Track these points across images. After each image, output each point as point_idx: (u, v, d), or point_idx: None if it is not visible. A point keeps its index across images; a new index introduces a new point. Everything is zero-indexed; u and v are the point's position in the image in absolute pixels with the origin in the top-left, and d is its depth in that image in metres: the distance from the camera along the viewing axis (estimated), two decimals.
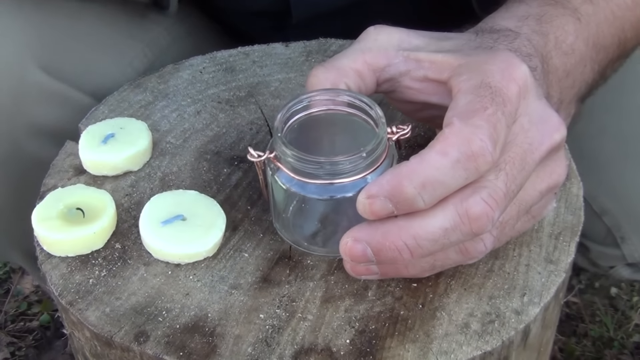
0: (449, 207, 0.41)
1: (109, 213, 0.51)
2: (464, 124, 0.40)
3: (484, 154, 0.40)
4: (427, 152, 0.40)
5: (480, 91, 0.42)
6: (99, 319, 0.46)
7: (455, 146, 0.40)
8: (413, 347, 0.45)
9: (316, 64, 0.66)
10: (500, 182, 0.41)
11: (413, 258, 0.41)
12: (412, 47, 0.48)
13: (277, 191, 0.46)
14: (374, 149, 0.43)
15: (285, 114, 0.45)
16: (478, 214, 0.40)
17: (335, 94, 0.46)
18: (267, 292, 0.48)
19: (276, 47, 0.68)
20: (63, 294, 0.48)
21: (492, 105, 0.41)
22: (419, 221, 0.41)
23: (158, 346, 0.45)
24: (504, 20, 0.51)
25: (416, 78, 0.48)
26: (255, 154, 0.44)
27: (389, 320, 0.46)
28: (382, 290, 0.48)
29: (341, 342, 0.45)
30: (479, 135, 0.40)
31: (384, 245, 0.41)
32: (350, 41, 0.68)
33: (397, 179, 0.40)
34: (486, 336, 0.45)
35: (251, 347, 0.45)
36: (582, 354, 1.17)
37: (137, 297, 0.47)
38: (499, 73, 0.43)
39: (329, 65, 0.48)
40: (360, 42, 0.49)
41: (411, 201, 0.40)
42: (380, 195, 0.40)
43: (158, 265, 0.49)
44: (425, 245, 0.41)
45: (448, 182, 0.40)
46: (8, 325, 1.26)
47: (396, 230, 0.41)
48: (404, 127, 0.45)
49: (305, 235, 0.47)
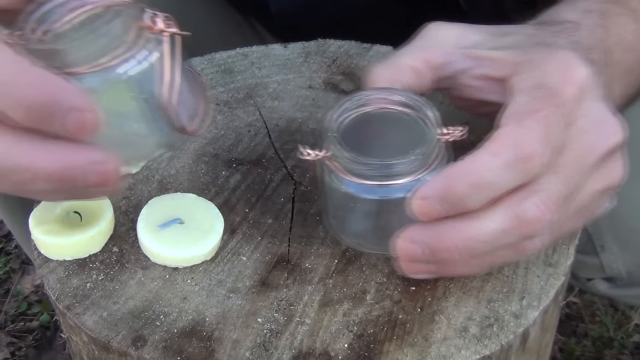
0: (504, 210, 0.41)
1: (106, 216, 0.50)
2: (517, 125, 0.40)
3: (535, 157, 0.40)
4: (479, 153, 0.40)
5: (536, 92, 0.42)
6: (97, 323, 0.46)
7: (507, 147, 0.40)
8: (411, 351, 0.45)
9: (315, 64, 0.66)
10: (555, 186, 0.41)
11: (468, 259, 0.41)
12: (471, 43, 0.48)
13: (330, 190, 0.45)
14: (428, 150, 0.43)
15: (338, 112, 0.45)
16: (532, 218, 0.40)
17: (389, 92, 0.46)
18: (265, 296, 0.48)
19: (275, 48, 0.68)
20: (60, 298, 0.47)
21: (548, 107, 0.41)
22: (474, 223, 0.41)
23: (155, 351, 0.44)
24: (566, 13, 0.51)
25: (475, 76, 0.47)
26: (307, 152, 0.44)
27: (388, 324, 0.46)
28: (380, 294, 0.48)
29: (339, 347, 0.45)
30: (531, 137, 0.40)
31: (439, 245, 0.41)
32: (350, 42, 0.69)
33: (448, 180, 0.40)
34: (485, 340, 0.45)
35: (249, 351, 0.45)
36: (582, 354, 1.17)
37: (135, 301, 0.47)
38: (557, 74, 0.43)
39: (387, 63, 0.48)
40: (420, 40, 0.49)
41: (462, 202, 0.40)
42: (431, 196, 0.40)
43: (156, 269, 0.49)
44: (479, 246, 0.41)
45: (499, 183, 0.40)
46: (8, 325, 1.26)
47: (451, 232, 0.41)
48: (458, 128, 0.44)
49: (357, 234, 0.47)
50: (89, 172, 0.38)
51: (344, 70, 0.66)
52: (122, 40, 0.38)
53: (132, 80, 0.39)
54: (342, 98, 0.46)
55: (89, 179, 0.38)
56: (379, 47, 0.68)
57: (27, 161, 0.37)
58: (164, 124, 0.41)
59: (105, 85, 0.38)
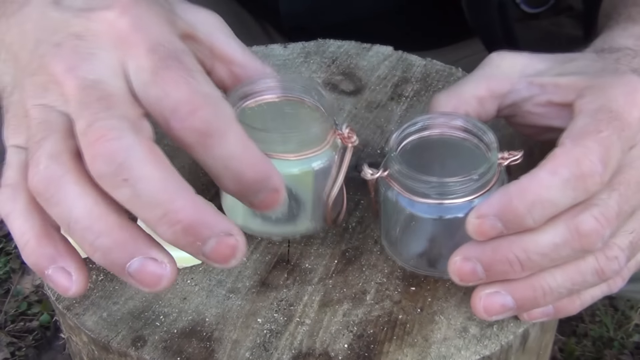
0: (559, 223, 0.41)
1: None
2: (575, 144, 0.41)
3: (593, 175, 0.40)
4: (537, 171, 0.41)
5: (598, 114, 0.42)
6: (96, 323, 0.46)
7: (565, 166, 0.40)
8: (411, 351, 0.45)
9: (315, 64, 0.66)
10: (612, 201, 0.41)
11: (523, 271, 0.42)
12: (535, 72, 0.49)
13: (388, 208, 0.46)
14: (485, 172, 0.43)
15: (400, 134, 0.46)
16: (588, 231, 0.41)
17: (449, 117, 0.47)
18: (265, 296, 0.48)
19: (275, 48, 0.68)
20: (60, 298, 0.47)
21: (608, 128, 0.42)
22: (530, 235, 0.41)
23: (155, 351, 0.44)
24: (621, 39, 0.52)
25: (539, 103, 0.48)
26: (369, 172, 0.45)
27: (388, 325, 0.46)
28: (380, 294, 0.48)
29: (339, 347, 0.45)
30: (589, 156, 0.40)
31: (495, 259, 0.42)
32: (350, 42, 0.69)
33: (507, 198, 0.40)
34: (485, 340, 0.45)
35: (249, 351, 0.44)
36: (582, 354, 1.17)
37: (135, 302, 0.47)
38: (622, 97, 0.43)
39: (452, 92, 0.49)
40: (484, 68, 0.50)
41: (521, 219, 0.40)
42: (490, 214, 0.40)
43: None
44: (535, 259, 0.41)
45: (557, 201, 0.40)
46: (8, 325, 1.26)
47: (507, 244, 0.41)
48: (515, 153, 0.45)
49: (413, 254, 0.48)
50: (217, 236, 0.37)
51: (344, 70, 0.66)
52: (320, 140, 0.46)
53: (317, 173, 0.46)
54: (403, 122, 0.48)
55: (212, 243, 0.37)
56: (378, 47, 0.68)
57: (167, 197, 0.36)
58: (319, 214, 0.48)
59: (299, 173, 0.46)
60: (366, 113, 0.61)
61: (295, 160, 0.46)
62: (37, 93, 0.40)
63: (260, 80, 0.48)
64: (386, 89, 0.64)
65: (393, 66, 0.66)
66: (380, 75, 0.65)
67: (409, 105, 0.62)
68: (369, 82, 0.64)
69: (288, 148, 0.45)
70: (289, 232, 0.49)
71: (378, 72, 0.65)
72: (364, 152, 0.58)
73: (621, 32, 0.53)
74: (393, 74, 0.65)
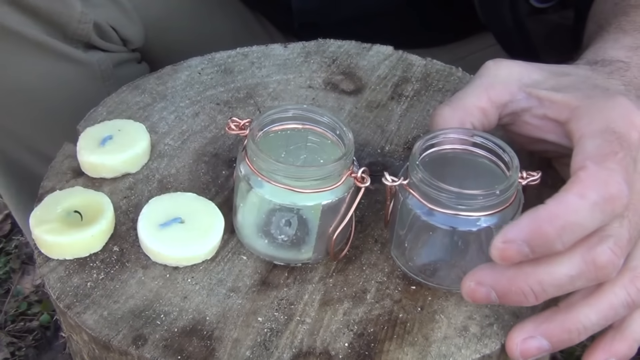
0: (575, 255, 0.41)
1: (107, 216, 0.50)
2: (600, 167, 0.41)
3: (622, 197, 0.41)
4: (565, 195, 0.41)
5: (607, 136, 0.43)
6: (97, 322, 0.46)
7: (594, 189, 0.40)
8: (412, 350, 0.45)
9: (315, 64, 0.66)
10: (624, 230, 0.42)
11: (537, 302, 0.42)
12: (532, 81, 0.49)
13: (403, 217, 0.47)
14: (506, 189, 0.44)
15: (423, 144, 0.46)
16: (605, 263, 0.41)
17: (469, 134, 0.47)
18: (266, 295, 0.48)
19: (275, 48, 0.68)
20: (61, 297, 0.47)
21: (622, 149, 0.42)
22: (545, 267, 0.41)
23: (156, 350, 0.44)
24: (613, 51, 0.52)
25: (536, 115, 0.49)
26: (390, 179, 0.46)
27: (388, 324, 0.46)
28: (380, 293, 0.48)
29: (340, 346, 0.45)
30: (616, 178, 0.41)
31: (510, 289, 0.42)
32: (350, 41, 0.69)
33: (537, 223, 0.40)
34: (485, 339, 0.45)
35: (249, 350, 0.45)
36: (582, 354, 1.17)
37: (135, 301, 0.47)
38: (621, 119, 0.44)
39: (455, 105, 0.49)
40: (482, 78, 0.50)
41: (551, 244, 0.40)
42: (518, 239, 0.40)
43: (156, 268, 0.49)
44: (550, 290, 0.42)
45: (586, 225, 0.41)
46: (8, 325, 1.26)
47: (523, 276, 0.42)
48: (533, 174, 0.46)
49: (423, 264, 0.48)
50: None
51: (344, 70, 0.66)
52: (334, 178, 0.46)
53: (325, 208, 0.46)
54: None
55: None
56: (378, 46, 0.68)
57: None
58: (322, 247, 0.49)
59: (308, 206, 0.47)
60: (366, 113, 0.61)
61: (306, 193, 0.46)
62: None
63: (287, 107, 0.49)
64: (386, 88, 0.64)
65: (393, 66, 0.66)
66: (381, 75, 0.65)
67: (409, 105, 0.62)
68: (369, 81, 0.64)
69: (303, 184, 0.46)
70: (291, 258, 0.49)
71: (378, 71, 0.65)
72: (364, 152, 0.58)
73: (613, 44, 0.53)
74: (393, 73, 0.65)
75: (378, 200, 0.53)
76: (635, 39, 0.54)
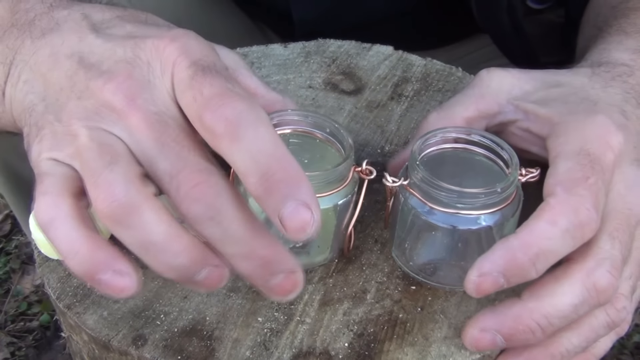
0: (576, 283, 0.42)
1: None
2: (569, 193, 0.42)
3: (590, 223, 0.41)
4: (536, 223, 0.41)
5: (580, 159, 0.43)
6: (97, 322, 0.46)
7: (564, 216, 0.41)
8: (412, 350, 0.45)
9: (315, 64, 0.66)
10: (617, 252, 0.42)
11: (544, 336, 0.42)
12: (522, 93, 0.50)
13: (404, 217, 0.47)
14: (507, 187, 0.44)
15: (422, 143, 0.47)
16: (605, 287, 0.42)
17: (467, 132, 0.48)
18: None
19: (275, 47, 0.68)
20: (61, 297, 0.47)
21: (594, 174, 0.42)
22: (549, 300, 0.42)
23: (156, 350, 0.44)
24: (618, 52, 0.53)
25: (521, 128, 0.49)
26: (390, 180, 0.46)
27: (388, 324, 0.46)
28: (380, 293, 0.48)
29: (340, 346, 0.45)
30: (585, 204, 0.41)
31: (517, 329, 0.42)
32: (350, 41, 0.69)
33: (510, 253, 0.41)
34: None
35: (249, 350, 0.45)
36: None
37: (135, 301, 0.47)
38: (596, 140, 0.44)
39: (442, 113, 0.50)
40: (474, 88, 0.51)
41: (526, 272, 0.41)
42: (493, 271, 0.41)
43: None
44: (556, 322, 0.42)
45: (558, 251, 0.41)
46: (8, 325, 1.26)
47: (527, 313, 0.42)
48: (532, 171, 0.46)
49: (423, 264, 0.48)
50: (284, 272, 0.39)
51: (344, 70, 0.66)
52: (343, 177, 0.46)
53: (338, 207, 0.47)
54: None
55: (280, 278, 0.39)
56: (378, 46, 0.68)
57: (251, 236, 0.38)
58: (337, 246, 0.49)
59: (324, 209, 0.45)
60: (366, 113, 0.61)
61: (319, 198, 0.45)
62: (88, 116, 0.41)
63: (283, 112, 0.49)
64: (386, 88, 0.64)
65: (393, 66, 0.66)
66: (381, 75, 0.65)
67: (409, 105, 0.62)
68: (369, 81, 0.64)
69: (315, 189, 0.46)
70: (307, 263, 0.49)
71: (378, 71, 0.65)
72: (364, 151, 0.58)
73: (617, 46, 0.54)
74: (393, 73, 0.65)
75: (378, 200, 0.53)
76: (638, 41, 0.54)
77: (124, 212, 0.38)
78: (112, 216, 0.38)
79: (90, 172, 0.39)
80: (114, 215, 0.38)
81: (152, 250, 0.39)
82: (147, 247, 0.39)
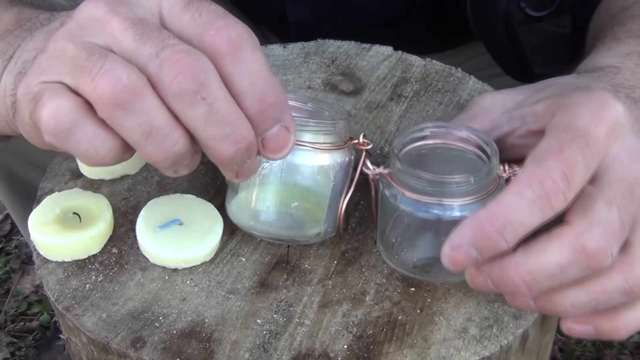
0: (565, 244, 0.41)
1: (105, 218, 0.50)
2: (536, 165, 0.42)
3: (557, 194, 0.41)
4: (504, 195, 0.41)
5: (562, 134, 0.43)
6: (96, 324, 0.46)
7: (529, 187, 0.41)
8: (411, 352, 0.45)
9: (314, 65, 0.65)
10: (614, 216, 0.42)
11: (531, 292, 0.42)
12: (515, 104, 0.50)
13: (386, 208, 0.47)
14: (485, 175, 0.44)
15: (405, 136, 0.47)
16: (595, 250, 0.41)
17: (455, 128, 0.48)
18: (265, 297, 0.48)
19: (274, 48, 0.67)
20: (59, 299, 0.47)
21: (571, 146, 0.42)
22: (535, 257, 0.41)
23: (155, 352, 0.44)
24: (605, 58, 0.53)
25: (521, 135, 0.49)
26: (371, 167, 0.47)
27: (387, 326, 0.46)
28: (380, 295, 0.48)
29: (339, 348, 0.45)
30: (551, 175, 0.41)
31: (502, 279, 0.42)
32: (350, 42, 0.69)
33: (477, 224, 0.41)
34: (484, 341, 0.45)
35: (248, 352, 0.44)
36: (582, 354, 1.17)
37: (134, 303, 0.47)
38: (588, 114, 0.44)
39: None
40: (467, 112, 0.51)
41: (495, 243, 0.41)
42: (463, 243, 0.41)
43: (155, 270, 0.49)
44: (542, 280, 0.42)
45: (527, 222, 0.41)
46: (8, 325, 1.26)
47: (513, 266, 0.42)
48: (515, 168, 0.46)
49: (408, 257, 0.48)
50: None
51: (344, 70, 0.65)
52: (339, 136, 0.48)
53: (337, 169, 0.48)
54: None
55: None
56: (378, 47, 0.68)
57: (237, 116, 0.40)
58: (332, 218, 0.49)
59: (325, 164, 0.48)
60: (366, 113, 0.61)
61: (321, 152, 0.47)
62: (72, 33, 0.41)
63: None
64: (386, 89, 0.64)
65: (392, 66, 0.66)
66: (380, 75, 0.65)
67: (409, 106, 0.62)
68: (369, 82, 0.64)
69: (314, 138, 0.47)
70: (300, 235, 0.49)
71: (378, 72, 0.65)
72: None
73: (605, 53, 0.53)
74: (392, 74, 0.65)
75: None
76: (628, 45, 0.54)
77: (129, 96, 0.38)
78: (116, 101, 0.38)
79: (87, 70, 0.39)
80: (118, 99, 0.38)
81: (155, 135, 0.39)
82: (150, 132, 0.39)
